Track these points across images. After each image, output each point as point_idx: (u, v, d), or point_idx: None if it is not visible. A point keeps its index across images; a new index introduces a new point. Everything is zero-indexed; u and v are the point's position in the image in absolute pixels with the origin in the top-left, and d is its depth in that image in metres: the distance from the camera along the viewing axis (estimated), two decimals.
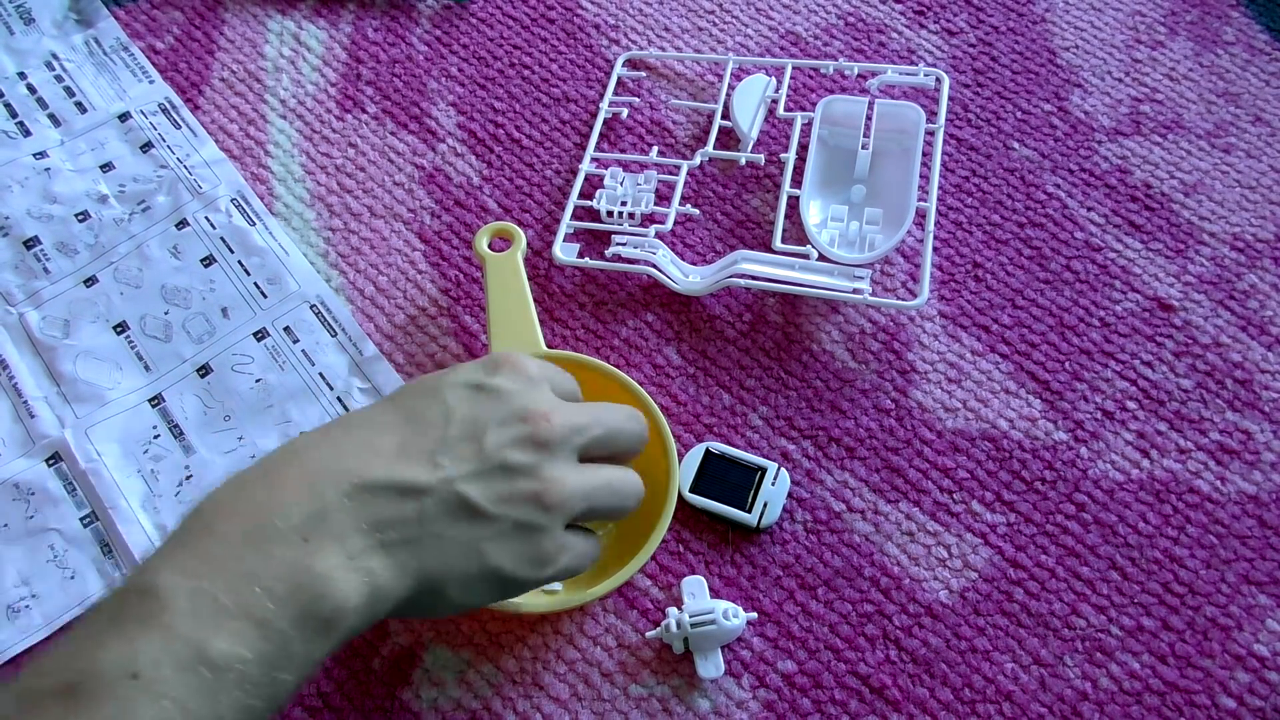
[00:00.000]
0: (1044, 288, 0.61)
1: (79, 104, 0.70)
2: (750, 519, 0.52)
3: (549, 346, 0.55)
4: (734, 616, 0.48)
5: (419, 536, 0.36)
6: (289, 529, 0.33)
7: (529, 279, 0.58)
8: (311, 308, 0.61)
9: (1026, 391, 0.57)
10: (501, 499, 0.37)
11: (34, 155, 0.67)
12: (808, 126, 0.65)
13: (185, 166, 0.66)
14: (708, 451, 0.54)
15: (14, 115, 0.69)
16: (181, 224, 0.64)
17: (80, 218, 0.64)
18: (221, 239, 0.64)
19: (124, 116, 0.69)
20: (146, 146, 0.68)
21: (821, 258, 0.59)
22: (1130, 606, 0.51)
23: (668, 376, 0.58)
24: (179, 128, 0.69)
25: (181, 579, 0.32)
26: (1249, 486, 0.54)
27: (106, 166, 0.67)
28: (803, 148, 0.64)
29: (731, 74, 0.68)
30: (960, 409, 0.57)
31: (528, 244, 0.61)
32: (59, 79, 0.71)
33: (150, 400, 0.58)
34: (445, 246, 0.64)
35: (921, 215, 0.60)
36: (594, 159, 0.66)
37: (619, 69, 0.70)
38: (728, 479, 0.53)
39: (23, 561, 0.53)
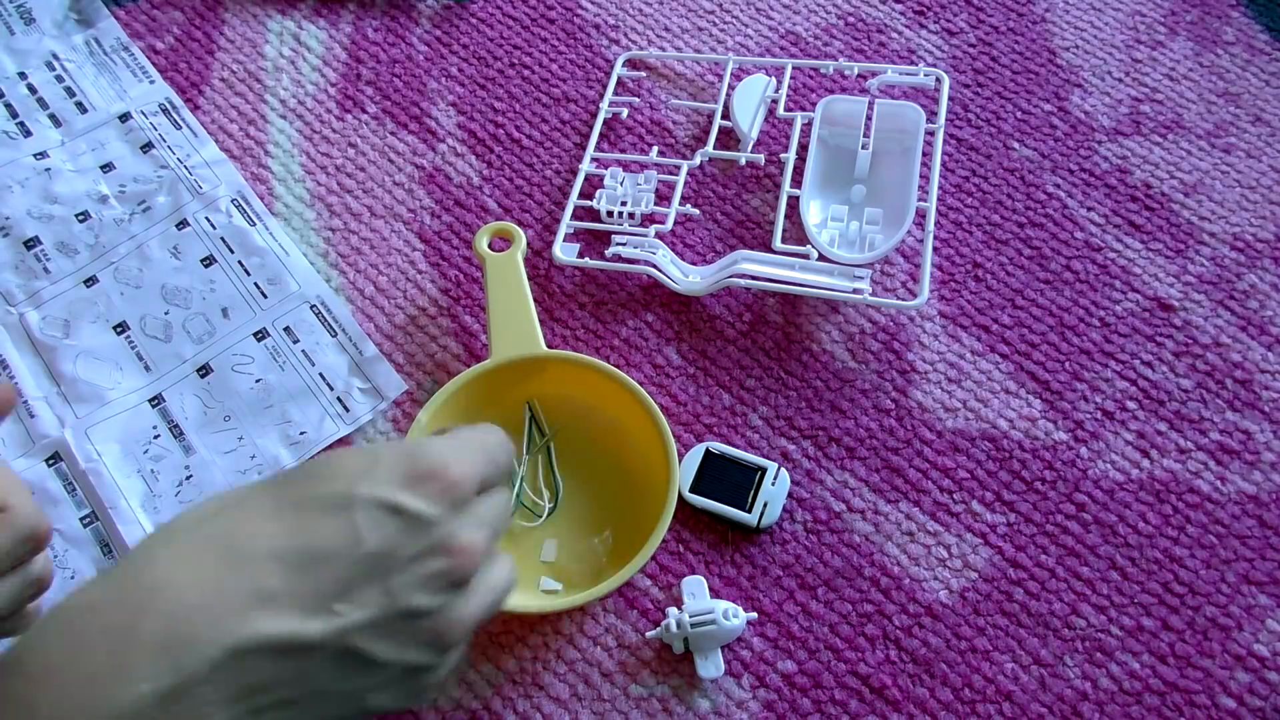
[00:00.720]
0: (1044, 288, 0.61)
1: (79, 104, 0.70)
2: (750, 519, 0.52)
3: (549, 346, 0.55)
4: (734, 616, 0.48)
5: (298, 696, 0.30)
6: (135, 712, 0.27)
7: (529, 279, 0.58)
8: (311, 308, 0.61)
9: (1026, 391, 0.57)
10: (399, 647, 0.32)
11: (34, 155, 0.67)
12: (808, 126, 0.65)
13: (185, 167, 0.66)
14: (708, 451, 0.54)
15: (14, 115, 0.69)
16: (182, 224, 0.64)
17: (80, 218, 0.64)
18: (222, 239, 0.64)
19: (124, 117, 0.69)
20: (147, 147, 0.68)
21: (821, 258, 0.59)
22: (1130, 606, 0.51)
23: (668, 376, 0.58)
24: (179, 128, 0.69)
25: None
26: (1249, 486, 0.54)
27: (107, 167, 0.67)
28: (803, 148, 0.64)
29: (731, 74, 0.68)
30: (960, 409, 0.57)
31: (528, 244, 0.61)
32: (59, 79, 0.71)
33: (150, 400, 0.58)
34: (445, 246, 0.64)
35: (921, 215, 0.60)
36: (594, 159, 0.66)
37: (619, 69, 0.70)
38: (728, 479, 0.53)
39: None
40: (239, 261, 0.63)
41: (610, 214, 0.62)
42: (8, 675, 0.28)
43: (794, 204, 0.62)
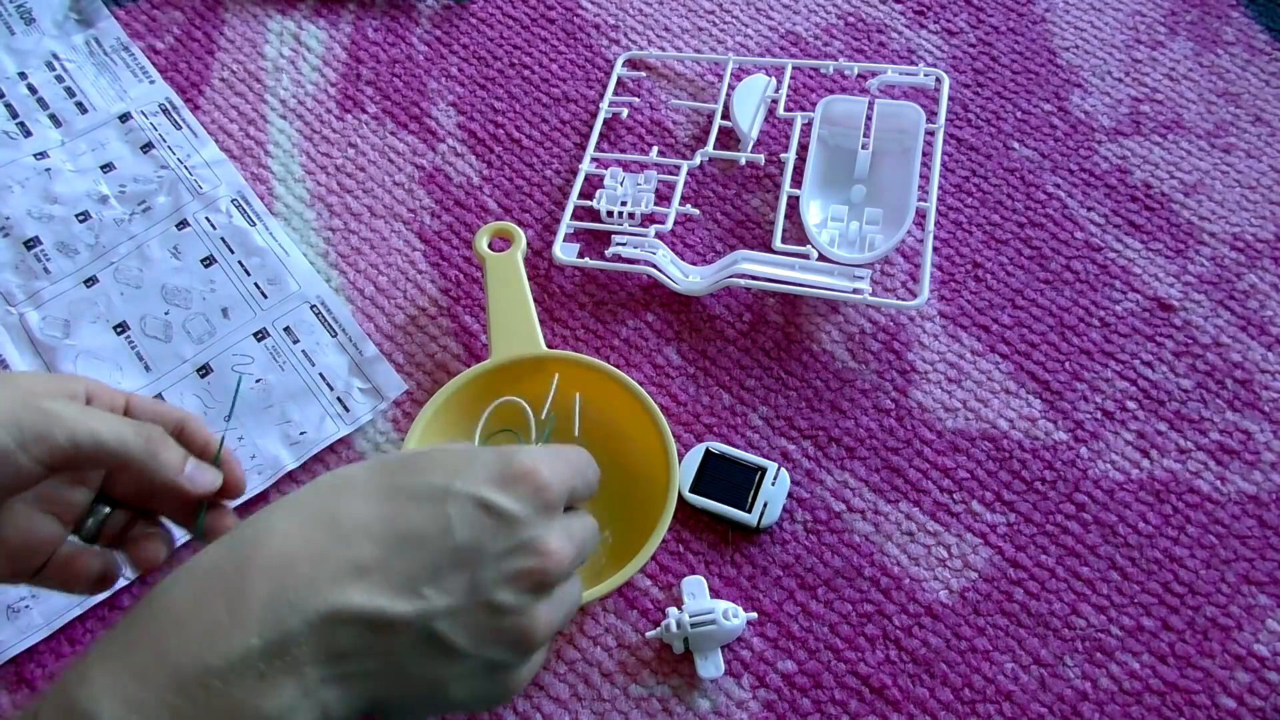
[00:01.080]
0: (1044, 288, 0.61)
1: (79, 104, 0.70)
2: (750, 519, 0.52)
3: (549, 346, 0.55)
4: (734, 616, 0.48)
5: (382, 669, 0.32)
6: (244, 660, 0.29)
7: (529, 279, 0.58)
8: (311, 308, 0.61)
9: (1026, 391, 0.57)
10: (480, 639, 0.33)
11: (35, 155, 0.67)
12: (808, 126, 0.65)
13: (186, 167, 0.66)
14: (708, 451, 0.54)
15: (15, 115, 0.69)
16: (182, 224, 0.64)
17: (81, 218, 0.64)
18: (222, 239, 0.64)
19: (124, 117, 0.69)
20: (147, 147, 0.68)
21: (821, 258, 0.59)
22: (1130, 606, 0.51)
23: (668, 376, 0.58)
24: (179, 128, 0.69)
25: (117, 706, 0.28)
26: (1249, 486, 0.54)
27: (107, 167, 0.67)
28: (803, 148, 0.64)
29: (731, 74, 0.68)
30: (960, 409, 0.57)
31: (528, 244, 0.61)
32: (59, 79, 0.71)
33: None
34: (445, 246, 0.64)
35: (921, 215, 0.60)
36: (594, 159, 0.66)
37: (619, 69, 0.70)
38: (728, 479, 0.53)
39: None
40: (239, 261, 0.63)
41: (610, 214, 0.62)
42: (143, 614, 0.31)
43: (794, 204, 0.62)
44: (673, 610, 0.49)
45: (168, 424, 0.40)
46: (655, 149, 0.66)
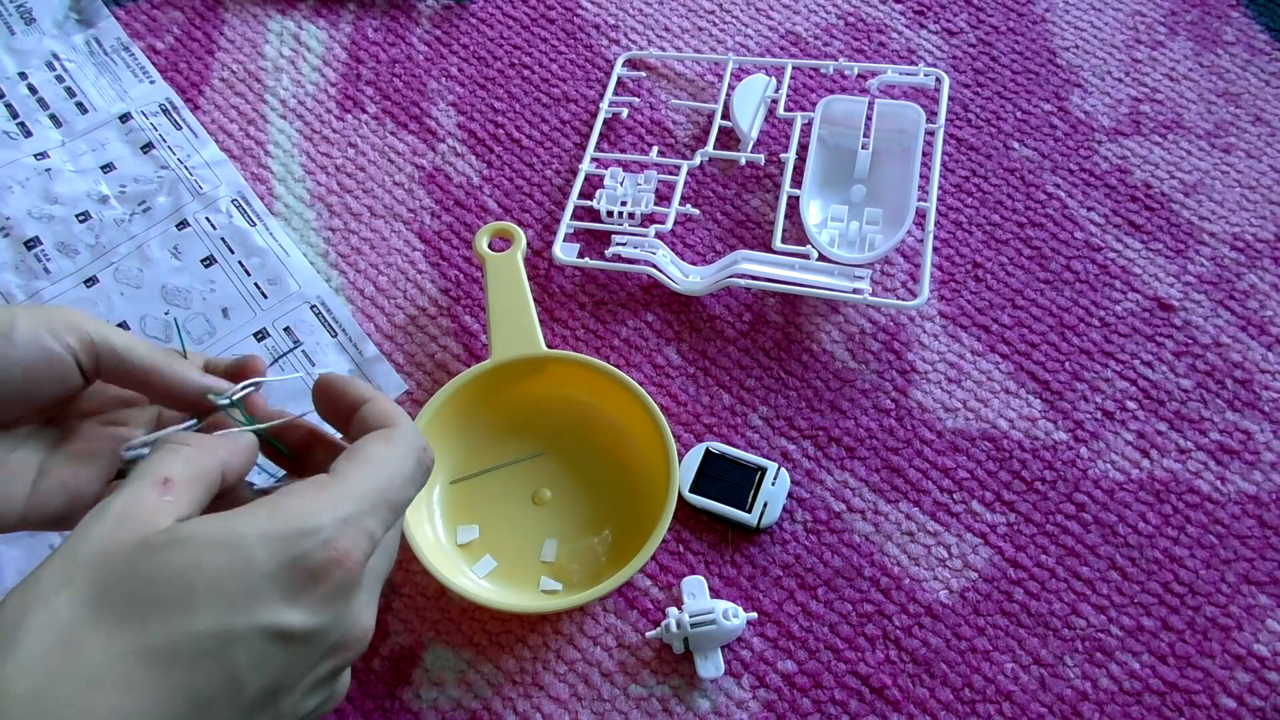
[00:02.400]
0: (1044, 288, 0.61)
1: (80, 104, 0.70)
2: (750, 519, 0.52)
3: (549, 346, 0.55)
4: (734, 616, 0.48)
5: None
6: None
7: (529, 279, 0.58)
8: (312, 308, 0.61)
9: (1026, 391, 0.57)
10: None
11: (35, 156, 0.67)
12: (808, 126, 0.65)
13: (186, 167, 0.67)
14: (708, 451, 0.54)
15: (15, 116, 0.69)
16: (182, 224, 0.64)
17: (81, 218, 0.64)
18: (222, 239, 0.64)
19: (125, 117, 0.69)
20: (147, 147, 0.68)
21: (821, 258, 0.59)
22: (1130, 606, 0.51)
23: (668, 376, 0.58)
24: (179, 128, 0.69)
25: None
26: (1249, 486, 0.54)
27: (107, 167, 0.67)
28: (803, 148, 0.64)
29: (731, 74, 0.68)
30: (960, 409, 0.57)
31: (528, 244, 0.61)
32: (60, 79, 0.71)
33: None
34: (445, 246, 0.64)
35: (921, 215, 0.60)
36: (594, 159, 0.66)
37: (619, 69, 0.70)
38: (728, 479, 0.53)
39: (23, 561, 0.53)
40: (239, 262, 0.63)
41: (610, 214, 0.62)
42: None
43: (794, 204, 0.62)
44: (673, 610, 0.49)
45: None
46: (655, 149, 0.66)
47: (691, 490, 0.53)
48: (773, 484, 0.53)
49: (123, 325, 0.60)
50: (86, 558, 0.26)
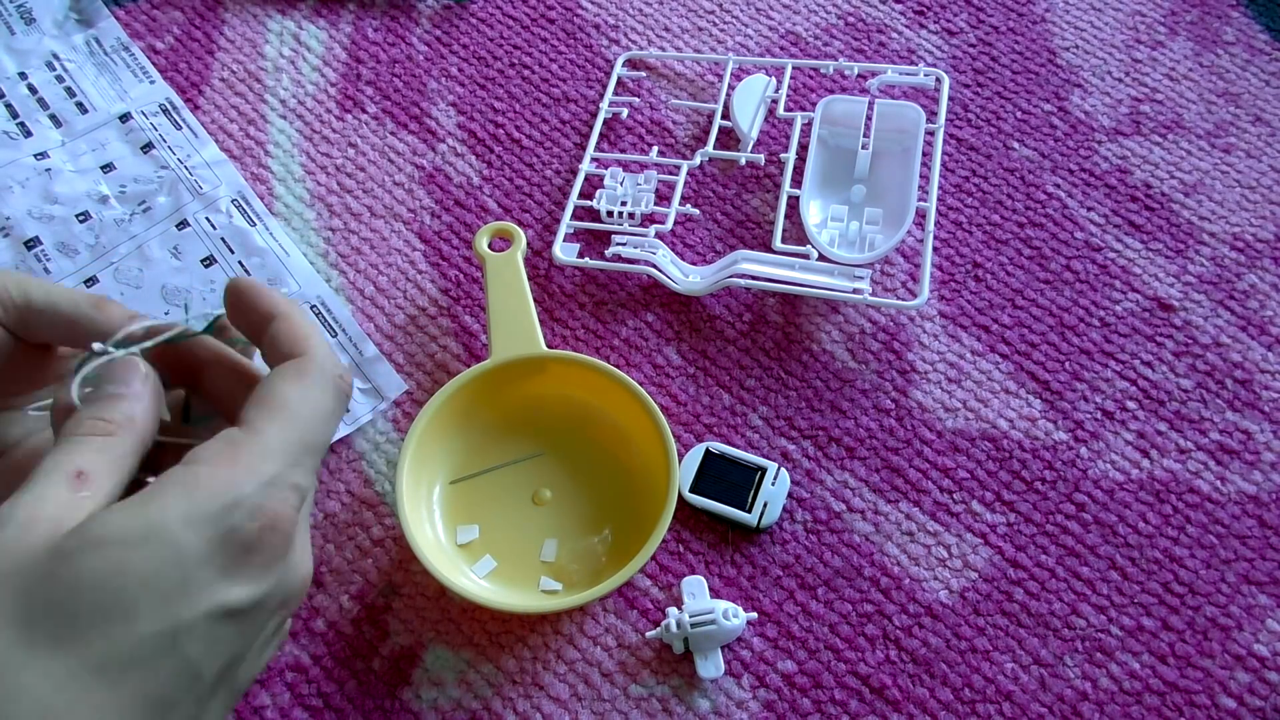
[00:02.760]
0: (1044, 288, 0.61)
1: (80, 104, 0.70)
2: (750, 519, 0.52)
3: (549, 346, 0.55)
4: (734, 616, 0.48)
5: None
6: None
7: (529, 279, 0.58)
8: (312, 308, 0.61)
9: (1026, 391, 0.57)
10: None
11: (35, 156, 0.67)
12: (808, 126, 0.65)
13: (186, 167, 0.67)
14: (708, 451, 0.54)
15: (15, 116, 0.69)
16: (182, 224, 0.64)
17: (81, 218, 0.64)
18: (222, 239, 0.64)
19: (125, 117, 0.69)
20: (147, 147, 0.68)
21: (821, 258, 0.59)
22: (1130, 606, 0.51)
23: (668, 376, 0.58)
24: (180, 128, 0.69)
25: None
26: (1249, 486, 0.54)
27: (107, 167, 0.67)
28: (803, 148, 0.64)
29: (731, 74, 0.68)
30: (960, 409, 0.57)
31: (528, 244, 0.61)
32: (60, 79, 0.71)
33: None
34: (445, 246, 0.64)
35: (921, 215, 0.60)
36: (594, 159, 0.66)
37: (619, 69, 0.70)
38: (728, 479, 0.53)
39: None
40: (239, 262, 0.63)
41: (610, 214, 0.62)
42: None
43: (794, 204, 0.62)
44: (673, 610, 0.49)
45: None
46: (655, 149, 0.66)
47: (691, 490, 0.53)
48: (773, 484, 0.53)
49: None
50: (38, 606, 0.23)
